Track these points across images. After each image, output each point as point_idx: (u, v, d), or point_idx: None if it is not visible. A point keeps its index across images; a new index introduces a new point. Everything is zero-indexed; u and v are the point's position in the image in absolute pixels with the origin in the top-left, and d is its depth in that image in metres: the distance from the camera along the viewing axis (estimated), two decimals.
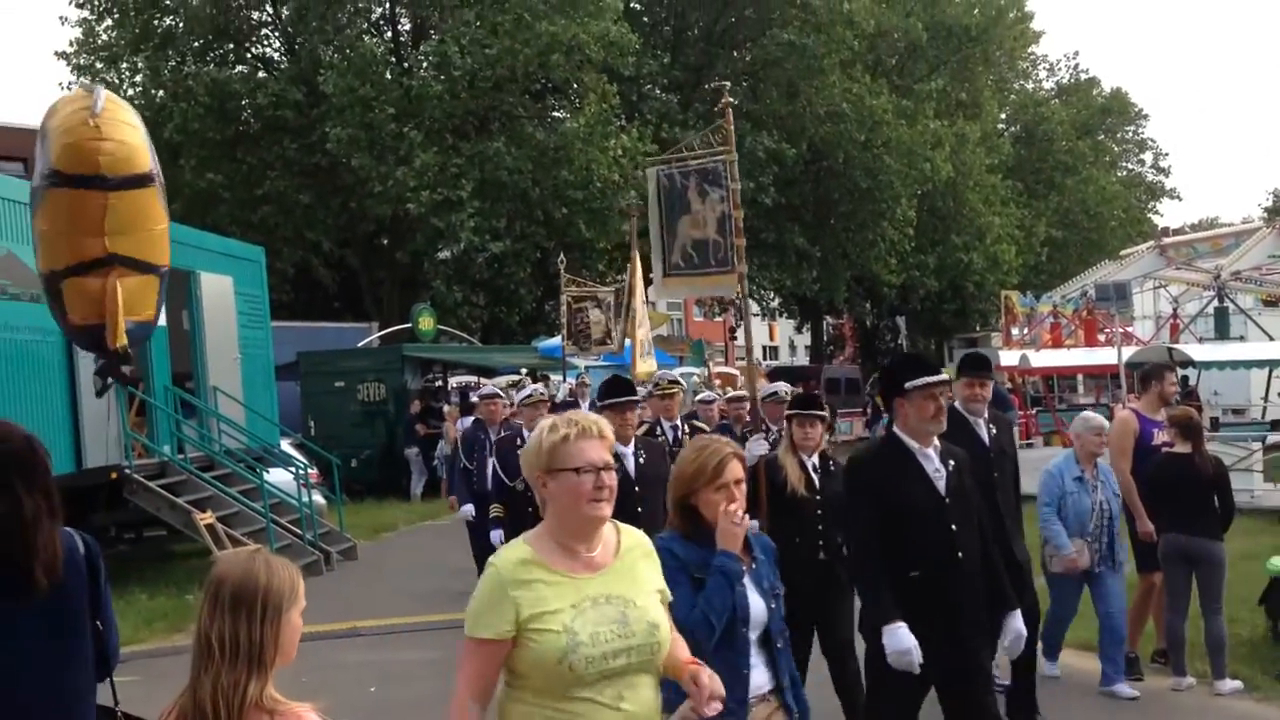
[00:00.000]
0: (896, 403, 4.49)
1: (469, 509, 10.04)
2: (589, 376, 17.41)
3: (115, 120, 3.89)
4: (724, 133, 7.83)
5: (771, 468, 6.06)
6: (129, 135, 3.95)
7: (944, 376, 4.54)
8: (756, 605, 3.41)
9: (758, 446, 7.11)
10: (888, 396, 4.61)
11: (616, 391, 6.45)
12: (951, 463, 4.49)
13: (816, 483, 6.00)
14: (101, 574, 3.24)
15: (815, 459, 6.06)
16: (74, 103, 3.92)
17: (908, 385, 4.40)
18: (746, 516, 3.39)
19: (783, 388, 8.73)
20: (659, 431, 8.56)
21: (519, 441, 8.40)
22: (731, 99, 8.18)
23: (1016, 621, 4.54)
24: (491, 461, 8.94)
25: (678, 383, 9.72)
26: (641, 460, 6.24)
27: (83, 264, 3.67)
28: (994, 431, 6.09)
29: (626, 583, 2.83)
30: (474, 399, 11.44)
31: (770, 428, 8.25)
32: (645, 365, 11.58)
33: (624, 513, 5.32)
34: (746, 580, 3.40)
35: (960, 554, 4.38)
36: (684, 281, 8.24)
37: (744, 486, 3.46)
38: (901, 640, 4.22)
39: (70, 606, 3.14)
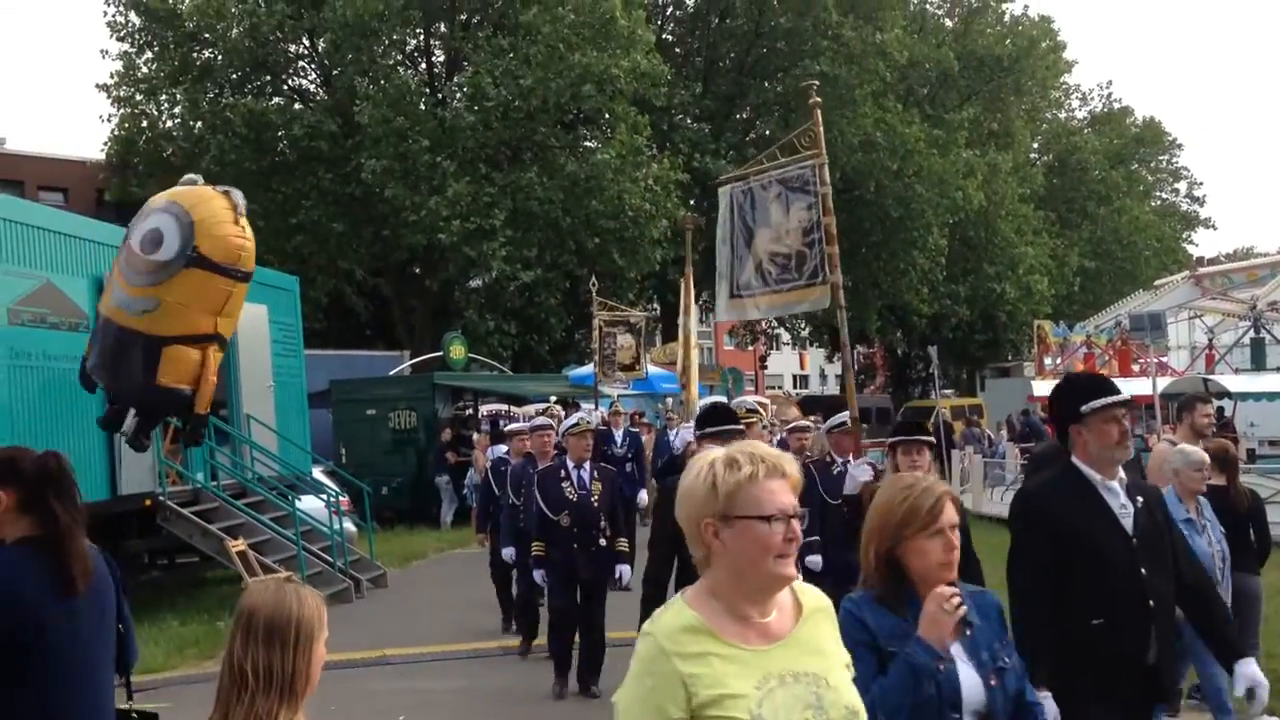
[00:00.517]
0: (1072, 430, 3.94)
1: (510, 552, 9.45)
2: (622, 404, 17.39)
3: (246, 224, 4.50)
4: (812, 134, 7.11)
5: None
6: (251, 238, 4.57)
7: (1125, 396, 4.04)
8: (970, 684, 2.82)
9: (861, 473, 6.44)
10: (1061, 423, 4.05)
11: (720, 419, 5.77)
12: (1140, 498, 3.91)
13: None
14: (120, 582, 3.55)
15: None
16: (215, 200, 4.44)
17: (1085, 408, 3.88)
18: (963, 605, 2.82)
19: (847, 416, 8.04)
20: None
21: (563, 473, 8.13)
22: (815, 98, 7.47)
23: (1250, 668, 3.84)
24: (534, 493, 8.30)
25: (756, 411, 9.30)
26: None
27: (192, 336, 4.11)
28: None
29: (814, 656, 2.33)
30: (513, 428, 10.89)
31: (835, 459, 7.77)
32: (698, 390, 10.86)
33: None
34: (959, 651, 2.84)
35: (1151, 602, 3.80)
36: (758, 301, 7.48)
37: (958, 535, 2.91)
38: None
39: (104, 607, 3.40)
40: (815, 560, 7.13)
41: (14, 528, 3.24)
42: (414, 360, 26.15)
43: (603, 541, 7.97)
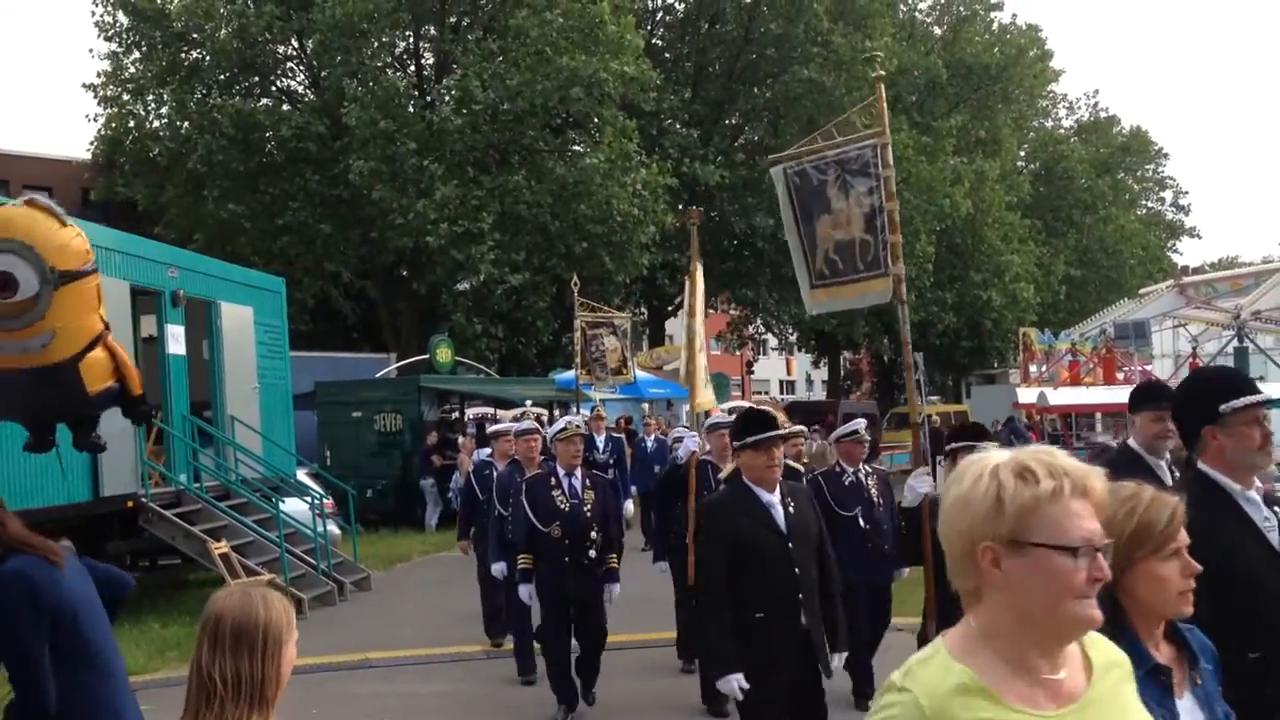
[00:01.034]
0: (1206, 432, 3.34)
1: (501, 567, 8.69)
2: (604, 409, 17.36)
3: (68, 219, 4.49)
4: (875, 112, 6.41)
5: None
6: (81, 231, 4.57)
7: (1269, 395, 3.54)
8: None
9: (921, 484, 6.03)
10: (1192, 424, 3.43)
11: (758, 425, 5.10)
12: None
13: None
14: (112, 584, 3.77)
15: None
16: (34, 216, 4.41)
17: (1224, 408, 3.30)
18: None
19: (861, 425, 7.90)
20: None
21: (553, 481, 7.55)
22: (879, 70, 6.83)
23: None
24: (522, 502, 7.64)
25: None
26: (791, 510, 5.13)
27: (91, 342, 4.23)
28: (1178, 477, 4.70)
29: None
30: (497, 429, 10.34)
31: (845, 469, 7.69)
32: (705, 396, 10.13)
33: (782, 583, 4.99)
34: (1188, 702, 2.34)
35: None
36: (830, 293, 6.74)
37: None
38: None
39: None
40: None
41: None
42: (400, 363, 26.11)
43: (593, 553, 7.42)
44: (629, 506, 13.36)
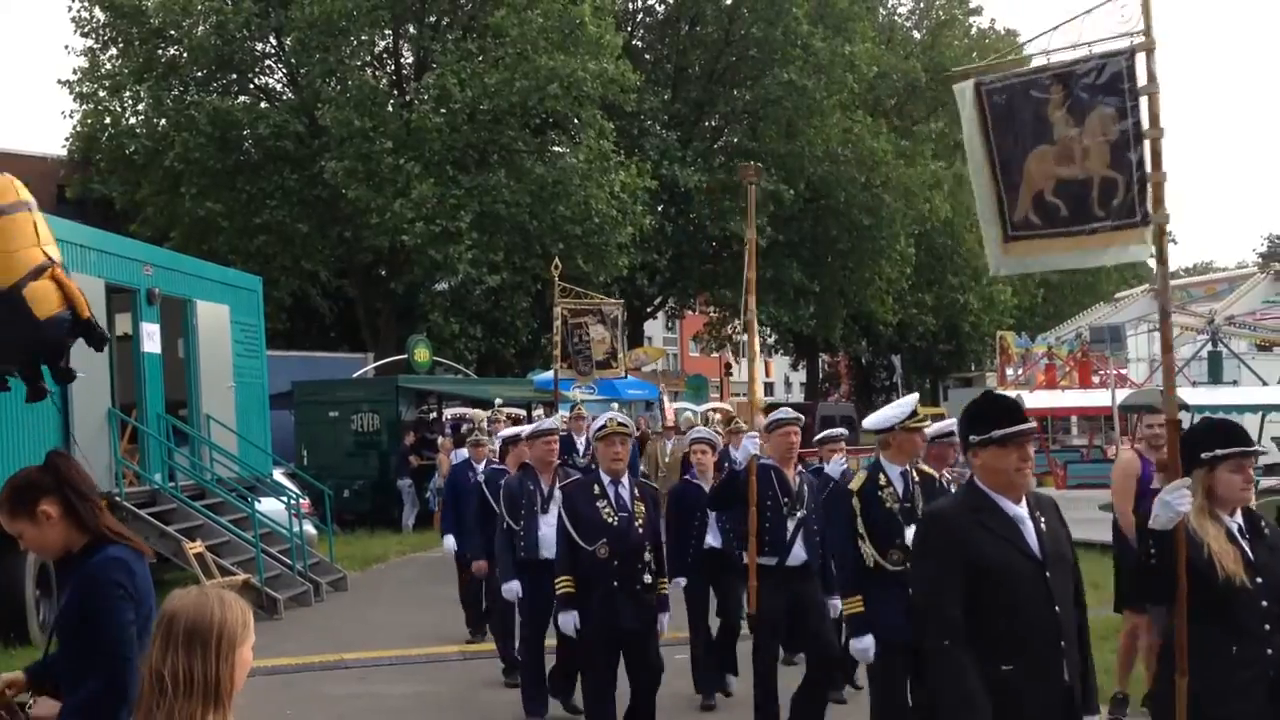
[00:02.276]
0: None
1: (514, 588, 7.69)
2: (585, 409, 17.28)
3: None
4: (1134, 9, 4.57)
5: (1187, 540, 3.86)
6: (9, 175, 4.77)
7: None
8: None
9: (1180, 501, 4.20)
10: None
11: (1003, 416, 3.96)
12: None
13: (1251, 558, 3.86)
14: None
15: (1239, 519, 3.98)
16: None
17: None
18: None
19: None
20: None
21: (596, 490, 6.36)
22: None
23: None
24: (559, 515, 6.53)
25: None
26: (1043, 527, 3.81)
27: (32, 271, 4.38)
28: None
29: None
30: (507, 433, 9.44)
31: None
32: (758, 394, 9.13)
33: (1040, 625, 3.60)
34: None
35: None
36: (1038, 246, 5.02)
37: None
38: None
39: None
40: None
41: (69, 536, 3.42)
42: (378, 363, 26.00)
43: (647, 578, 6.29)
44: None
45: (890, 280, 35.16)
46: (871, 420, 6.25)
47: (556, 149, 28.20)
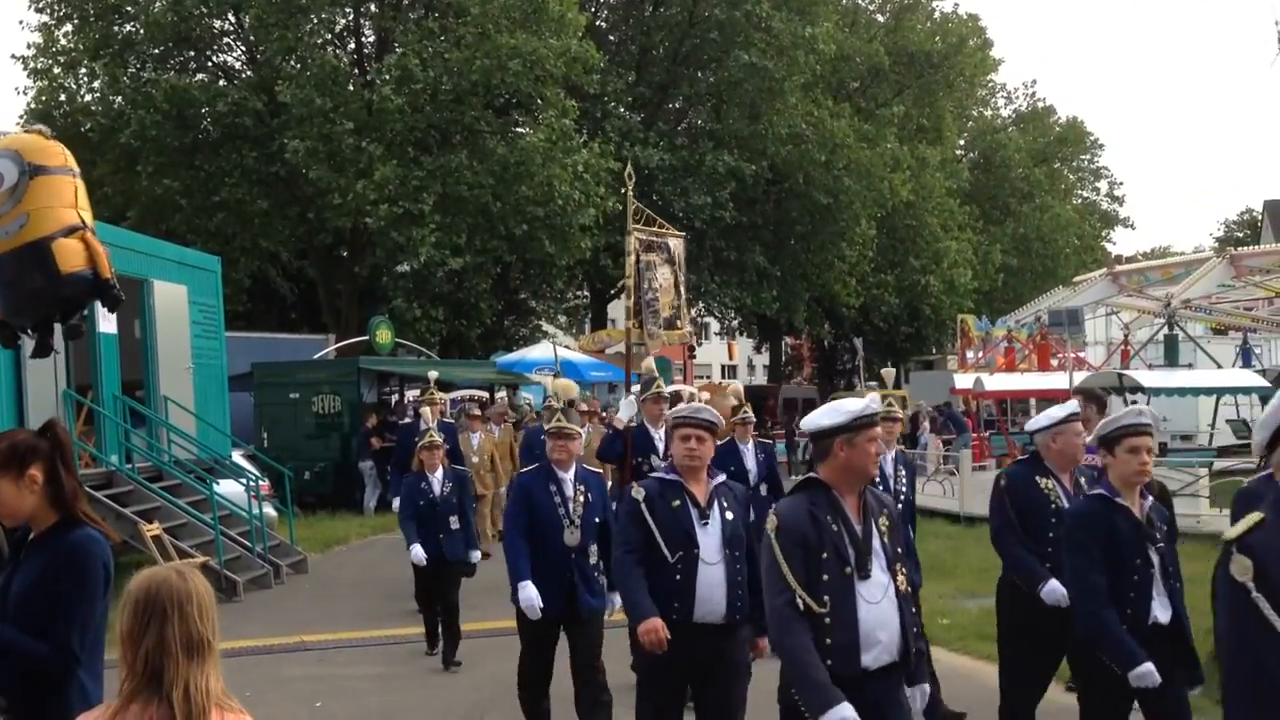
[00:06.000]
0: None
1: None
2: (663, 384, 16.56)
3: (55, 139, 5.00)
4: None
5: None
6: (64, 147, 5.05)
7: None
8: None
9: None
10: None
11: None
12: None
13: None
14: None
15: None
16: (21, 135, 4.99)
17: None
18: None
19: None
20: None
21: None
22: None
23: None
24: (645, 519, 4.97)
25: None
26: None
27: (65, 229, 4.58)
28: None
29: None
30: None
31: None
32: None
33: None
34: None
35: None
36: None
37: None
38: None
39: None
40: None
41: (39, 508, 3.43)
42: (339, 344, 25.82)
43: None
44: None
45: (852, 263, 35.29)
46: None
47: (519, 130, 28.04)
